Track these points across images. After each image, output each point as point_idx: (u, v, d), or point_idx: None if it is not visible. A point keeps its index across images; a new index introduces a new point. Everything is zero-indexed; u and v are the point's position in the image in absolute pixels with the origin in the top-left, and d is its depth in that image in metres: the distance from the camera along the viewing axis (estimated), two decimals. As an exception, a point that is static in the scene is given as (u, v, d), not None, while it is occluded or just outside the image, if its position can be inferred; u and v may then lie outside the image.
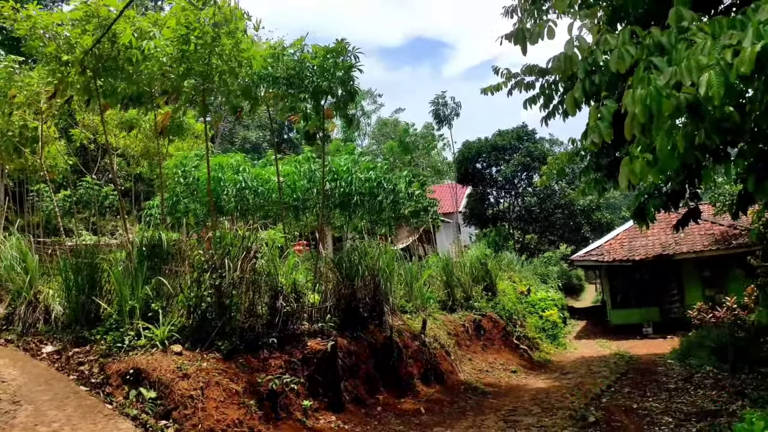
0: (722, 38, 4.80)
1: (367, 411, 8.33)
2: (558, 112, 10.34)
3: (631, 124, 5.39)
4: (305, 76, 10.37)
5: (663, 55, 5.64)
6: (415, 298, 12.20)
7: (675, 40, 5.64)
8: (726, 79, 4.46)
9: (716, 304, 17.24)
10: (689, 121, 6.06)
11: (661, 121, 5.33)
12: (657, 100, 5.07)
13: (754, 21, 4.38)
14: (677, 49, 5.42)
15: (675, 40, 5.64)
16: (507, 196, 35.41)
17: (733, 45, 4.51)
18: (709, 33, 5.14)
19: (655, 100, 5.07)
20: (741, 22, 5.00)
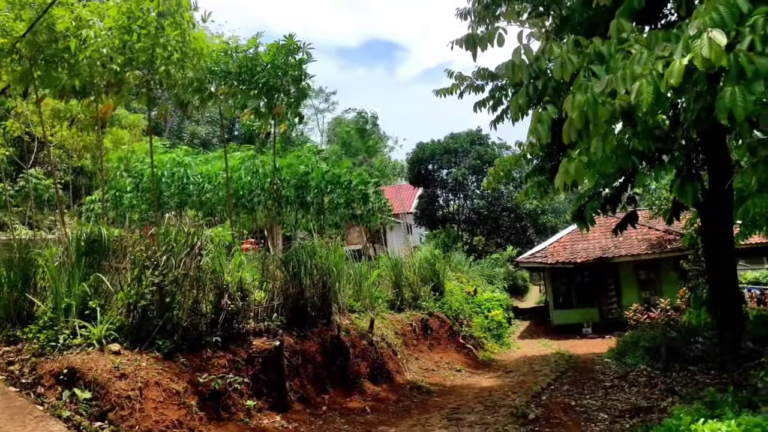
0: (656, 50, 5.04)
1: (313, 410, 8.29)
2: (507, 116, 10.59)
3: (569, 128, 5.59)
4: (257, 72, 10.25)
5: (603, 64, 5.88)
6: (364, 298, 12.23)
7: (614, 50, 5.89)
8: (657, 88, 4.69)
9: (651, 305, 18.08)
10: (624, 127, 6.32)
11: (598, 126, 5.55)
12: (593, 106, 5.27)
13: (684, 35, 4.61)
14: (615, 58, 5.66)
15: (614, 50, 5.89)
16: (457, 198, 35.93)
17: (665, 57, 4.75)
18: (645, 45, 5.40)
19: (592, 107, 5.27)
20: (675, 35, 5.25)
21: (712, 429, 3.84)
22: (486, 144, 35.61)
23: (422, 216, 35.16)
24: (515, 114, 8.77)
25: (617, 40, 5.92)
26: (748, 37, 4.31)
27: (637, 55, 5.18)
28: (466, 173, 34.16)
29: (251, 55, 10.37)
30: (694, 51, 4.24)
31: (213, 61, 9.92)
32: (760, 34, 4.24)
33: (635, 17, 7.50)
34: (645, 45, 5.32)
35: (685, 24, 4.98)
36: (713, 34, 4.12)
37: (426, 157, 35.36)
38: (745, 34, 4.34)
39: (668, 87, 4.52)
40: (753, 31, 4.30)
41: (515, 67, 7.20)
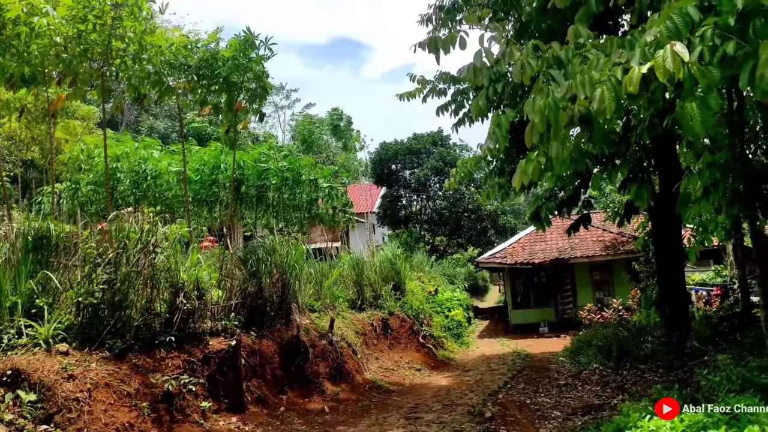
0: (613, 56, 5.17)
1: (270, 411, 8.21)
2: (468, 119, 10.73)
3: (531, 132, 5.68)
4: (218, 67, 10.10)
5: (561, 69, 6.01)
6: (325, 297, 12.19)
7: (572, 55, 6.02)
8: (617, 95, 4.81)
9: (604, 305, 18.58)
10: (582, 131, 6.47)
11: (557, 130, 5.67)
12: (555, 110, 5.38)
13: (641, 42, 4.74)
14: (573, 63, 5.80)
15: (572, 55, 6.02)
16: (420, 198, 36.17)
17: (623, 63, 4.88)
18: (602, 51, 5.54)
19: (553, 111, 5.38)
20: (630, 42, 5.40)
21: (656, 425, 3.98)
22: (448, 145, 35.97)
23: (385, 216, 35.27)
24: (475, 116, 8.87)
25: (574, 45, 6.06)
26: (698, 47, 4.46)
27: (594, 60, 5.30)
28: (428, 174, 34.42)
29: (212, 50, 10.21)
30: (655, 61, 4.35)
31: (172, 55, 9.71)
32: (708, 45, 4.39)
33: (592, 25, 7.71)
34: (601, 51, 5.45)
35: (638, 31, 5.13)
36: (678, 48, 4.21)
37: (389, 157, 35.49)
38: (696, 45, 4.49)
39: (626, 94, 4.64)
40: (702, 42, 4.45)
41: (476, 70, 7.28)
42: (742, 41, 4.25)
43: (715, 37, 4.43)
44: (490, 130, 6.51)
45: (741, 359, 7.44)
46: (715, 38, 4.43)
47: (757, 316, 8.89)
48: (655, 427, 3.96)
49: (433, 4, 10.98)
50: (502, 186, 11.44)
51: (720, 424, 3.86)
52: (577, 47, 6.01)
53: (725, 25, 4.36)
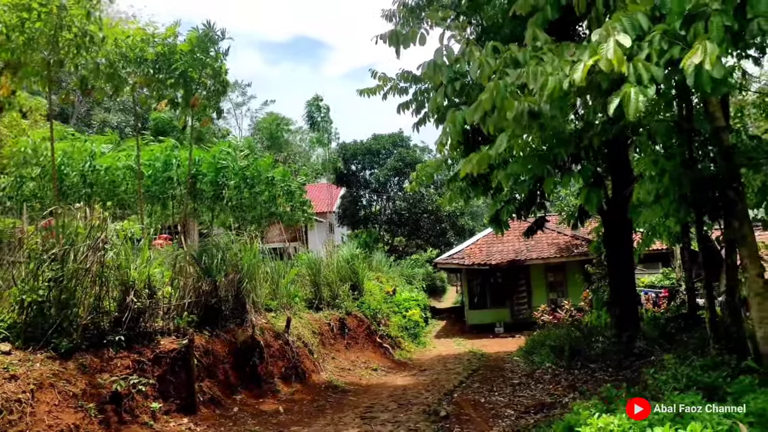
0: (566, 55, 5.30)
1: (223, 412, 8.06)
2: (429, 119, 10.79)
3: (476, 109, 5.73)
4: (175, 61, 9.88)
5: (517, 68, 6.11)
6: (281, 297, 12.05)
7: (529, 56, 6.14)
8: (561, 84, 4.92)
9: (558, 306, 19.01)
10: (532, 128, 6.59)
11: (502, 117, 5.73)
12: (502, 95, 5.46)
13: (591, 43, 4.88)
14: (530, 64, 5.91)
15: (529, 56, 6.14)
16: (379, 199, 36.22)
17: (573, 60, 5.00)
18: (557, 54, 5.66)
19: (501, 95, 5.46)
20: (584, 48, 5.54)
21: (605, 422, 4.09)
22: (408, 146, 36.15)
23: (344, 215, 35.19)
24: (433, 112, 8.92)
25: (532, 48, 6.18)
26: (646, 50, 4.61)
27: (549, 60, 5.43)
28: (388, 174, 34.51)
29: (170, 44, 9.98)
30: (599, 53, 4.48)
31: (128, 48, 9.45)
32: (656, 49, 4.56)
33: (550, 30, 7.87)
34: (557, 54, 5.58)
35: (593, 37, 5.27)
36: (619, 36, 4.37)
37: (349, 157, 35.41)
38: (644, 48, 4.65)
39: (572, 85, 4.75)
40: (650, 46, 4.62)
41: (437, 66, 7.34)
42: (687, 47, 4.42)
43: (663, 42, 4.60)
44: (445, 125, 6.57)
45: (686, 359, 7.71)
46: (663, 43, 4.60)
47: (702, 317, 9.25)
48: (604, 425, 4.07)
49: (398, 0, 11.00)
50: (464, 190, 11.56)
51: (665, 421, 3.98)
52: (534, 50, 6.13)
53: (672, 31, 4.53)
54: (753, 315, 6.60)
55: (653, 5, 4.91)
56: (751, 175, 7.13)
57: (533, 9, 7.06)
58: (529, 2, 6.85)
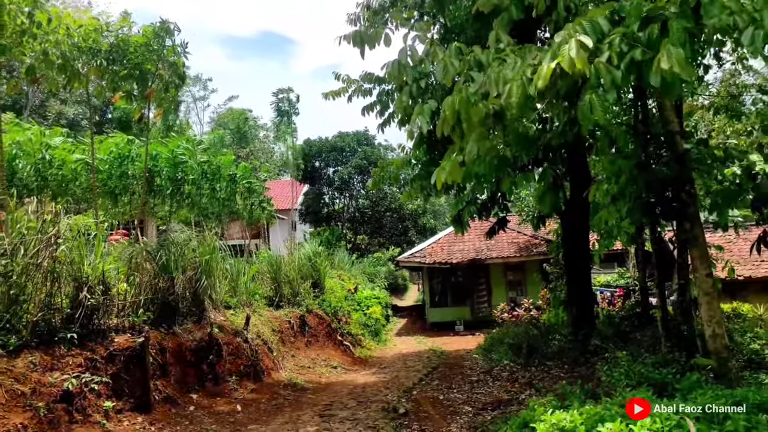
0: (528, 58, 5.39)
1: (179, 411, 7.90)
2: (393, 120, 10.81)
3: (443, 123, 5.80)
4: (130, 53, 9.65)
5: (481, 71, 6.19)
6: (241, 294, 11.89)
7: (492, 58, 6.21)
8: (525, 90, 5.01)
9: (517, 304, 19.34)
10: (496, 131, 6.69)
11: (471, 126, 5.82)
12: (466, 105, 5.53)
13: (553, 45, 4.97)
14: (492, 66, 5.99)
15: (492, 58, 6.21)
16: (343, 196, 36.13)
17: (535, 64, 5.09)
18: (520, 56, 5.75)
19: (465, 105, 5.52)
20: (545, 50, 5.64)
21: (558, 419, 4.18)
22: (373, 145, 36.18)
23: (307, 213, 34.98)
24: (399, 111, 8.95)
25: (495, 50, 6.26)
26: (606, 52, 4.73)
27: (511, 63, 5.51)
28: (352, 172, 34.45)
29: (124, 35, 9.74)
30: (562, 54, 4.56)
31: (81, 38, 9.16)
32: (616, 51, 4.67)
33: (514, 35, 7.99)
34: (520, 56, 5.66)
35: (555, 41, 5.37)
36: (582, 37, 4.46)
37: (313, 154, 35.21)
38: (604, 50, 4.76)
39: (536, 90, 4.84)
40: (611, 48, 4.73)
41: (401, 66, 7.36)
42: (647, 49, 4.56)
43: (623, 44, 4.73)
44: (414, 117, 6.60)
45: (639, 356, 7.97)
46: (623, 45, 4.73)
47: (655, 316, 9.54)
48: (557, 421, 4.16)
49: (362, 2, 10.99)
50: (424, 188, 11.64)
51: (615, 417, 4.10)
52: (497, 52, 6.22)
53: (631, 34, 4.66)
54: (702, 314, 6.85)
55: (613, 9, 5.05)
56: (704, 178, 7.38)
57: (496, 8, 7.15)
58: (492, 1, 6.94)
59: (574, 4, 6.86)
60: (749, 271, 16.69)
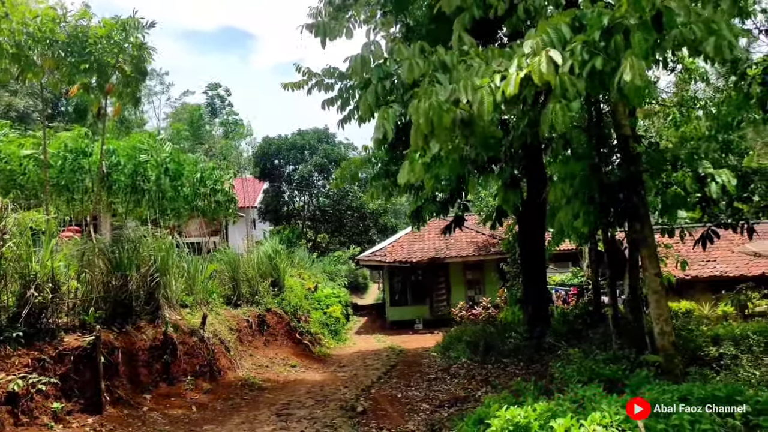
0: (494, 64, 5.47)
1: (132, 412, 7.71)
2: (354, 116, 10.79)
3: (416, 134, 5.85)
4: (89, 45, 9.34)
5: (446, 73, 6.25)
6: (198, 293, 11.66)
7: (456, 60, 6.28)
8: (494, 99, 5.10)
9: (475, 303, 19.62)
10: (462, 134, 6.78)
11: (440, 132, 5.88)
12: (438, 113, 5.58)
13: (519, 53, 5.06)
14: (458, 69, 6.05)
15: (456, 60, 6.28)
16: (303, 195, 35.87)
17: (502, 71, 5.18)
18: (484, 60, 5.83)
19: (437, 113, 5.58)
20: (509, 54, 5.74)
21: (512, 414, 4.26)
22: (333, 143, 36.04)
23: (267, 211, 34.57)
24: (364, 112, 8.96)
25: (459, 52, 6.33)
26: (569, 61, 4.84)
27: (477, 67, 5.58)
28: (312, 171, 34.25)
29: (83, 26, 9.43)
30: (532, 66, 4.65)
31: (36, 28, 8.83)
32: (578, 60, 4.79)
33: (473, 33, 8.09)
34: (484, 60, 5.75)
35: (517, 45, 5.47)
36: (552, 53, 4.57)
37: (272, 152, 34.84)
38: (567, 58, 4.88)
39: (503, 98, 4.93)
40: (573, 56, 4.85)
41: (364, 61, 7.36)
42: (607, 57, 4.69)
43: (584, 52, 4.85)
44: (378, 123, 6.60)
45: (590, 353, 8.18)
46: (584, 53, 4.85)
47: (607, 314, 9.82)
48: (511, 417, 4.24)
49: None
50: (386, 187, 11.68)
51: (567, 411, 4.21)
52: (461, 54, 6.29)
53: (593, 42, 4.79)
54: (651, 312, 7.09)
55: (574, 16, 5.18)
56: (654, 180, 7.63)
57: (457, 9, 7.23)
58: (455, 2, 7.02)
59: (534, 8, 7.01)
60: (696, 271, 17.38)
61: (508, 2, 6.93)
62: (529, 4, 6.88)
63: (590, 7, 5.10)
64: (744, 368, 7.03)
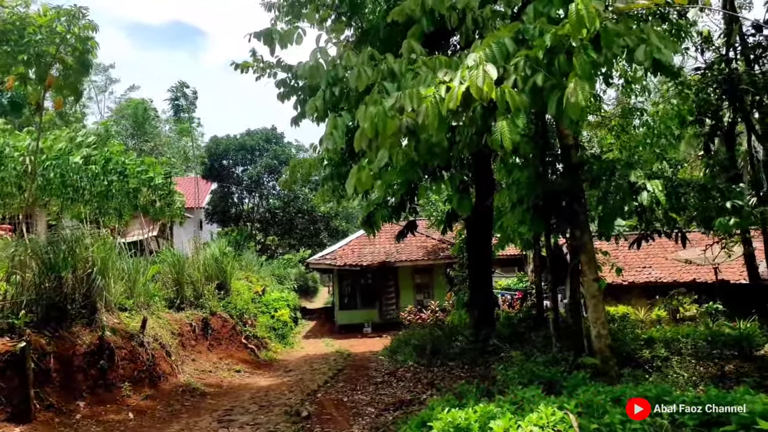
0: (439, 74, 5.55)
1: (64, 419, 7.38)
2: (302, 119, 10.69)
3: (360, 137, 5.87)
4: (27, 34, 8.91)
5: (394, 81, 6.29)
6: (138, 295, 11.27)
7: (405, 69, 6.34)
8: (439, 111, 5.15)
9: (424, 307, 19.79)
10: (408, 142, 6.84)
11: (385, 137, 5.91)
12: (383, 119, 5.61)
13: (463, 65, 5.15)
14: (406, 77, 6.11)
15: (405, 69, 6.34)
16: (252, 196, 35.30)
17: (446, 82, 5.25)
18: (431, 68, 5.90)
19: (382, 119, 5.60)
20: (456, 63, 5.83)
21: (453, 417, 4.31)
22: (283, 144, 35.65)
23: (215, 212, 33.84)
24: (311, 116, 8.90)
25: (408, 60, 6.39)
26: (512, 76, 4.96)
27: (424, 76, 5.64)
28: (262, 172, 33.77)
29: (21, 14, 8.99)
30: (470, 80, 4.74)
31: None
32: (521, 75, 4.91)
33: (426, 41, 8.17)
34: (431, 68, 5.81)
35: (464, 55, 5.56)
36: (487, 67, 4.67)
37: (221, 152, 34.17)
38: (510, 73, 4.99)
39: (447, 110, 4.99)
40: (516, 71, 4.97)
41: (313, 69, 7.34)
42: (549, 74, 4.83)
43: (527, 67, 4.97)
44: (327, 131, 6.58)
45: (531, 355, 8.39)
46: (527, 69, 4.98)
47: (549, 317, 10.09)
48: (452, 419, 4.29)
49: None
50: (335, 189, 11.64)
51: (506, 413, 4.29)
52: (410, 62, 6.34)
53: (535, 58, 4.92)
54: (589, 315, 7.33)
55: (518, 29, 5.31)
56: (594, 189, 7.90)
57: (408, 18, 7.30)
58: (405, 11, 7.08)
59: (482, 19, 7.15)
60: (633, 276, 18.07)
61: (460, 13, 7.06)
62: (477, 15, 7.02)
63: (533, 22, 5.25)
64: (674, 369, 7.36)
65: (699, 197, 7.87)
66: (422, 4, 6.73)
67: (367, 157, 6.59)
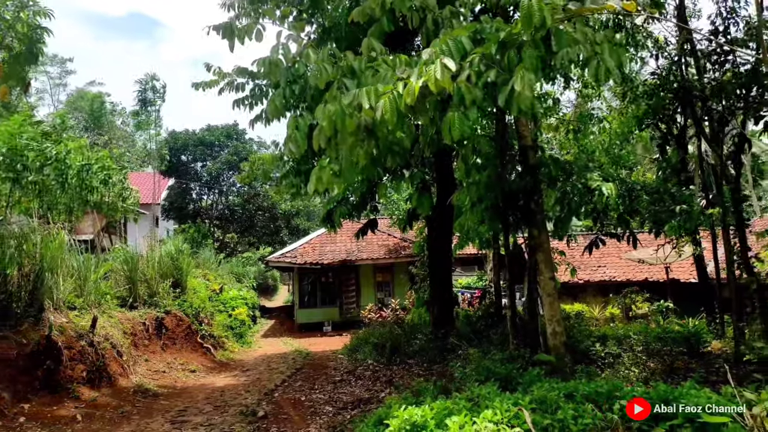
0: (398, 71, 5.54)
1: (6, 423, 7.06)
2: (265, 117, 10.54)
3: (319, 135, 5.81)
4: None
5: (354, 79, 6.25)
6: (89, 294, 10.89)
7: (364, 66, 6.30)
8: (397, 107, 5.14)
9: (384, 305, 19.80)
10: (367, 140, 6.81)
11: (345, 136, 5.87)
12: (341, 117, 5.56)
13: (421, 62, 5.15)
14: (365, 75, 6.07)
15: (364, 66, 6.30)
16: (211, 193, 34.67)
17: (405, 79, 5.24)
18: (391, 66, 5.89)
19: (340, 118, 5.56)
20: (415, 61, 5.83)
21: (410, 414, 4.30)
22: (244, 140, 35.12)
23: (171, 209, 33.08)
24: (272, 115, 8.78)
25: (368, 58, 6.35)
26: (467, 70, 4.98)
27: (383, 74, 5.62)
28: (221, 168, 33.21)
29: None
30: (428, 74, 4.74)
31: None
32: (475, 70, 4.94)
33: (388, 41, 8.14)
34: (391, 66, 5.80)
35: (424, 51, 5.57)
36: (445, 60, 4.68)
37: (179, 147, 33.42)
38: (465, 68, 5.02)
39: (406, 106, 4.98)
40: (471, 67, 4.99)
41: (272, 65, 7.23)
42: (501, 70, 4.88)
43: (481, 64, 5.01)
44: (289, 132, 6.48)
45: (489, 353, 8.48)
46: (481, 65, 5.01)
47: (506, 315, 10.21)
48: (409, 416, 4.27)
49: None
50: (295, 185, 11.51)
51: (462, 410, 4.30)
52: (370, 60, 6.31)
53: (489, 55, 4.96)
54: (545, 313, 7.46)
55: (475, 29, 5.34)
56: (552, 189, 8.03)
57: (370, 18, 7.27)
58: (366, 11, 7.04)
59: (441, 19, 7.17)
60: (588, 275, 18.52)
61: (421, 13, 7.07)
62: (437, 16, 7.04)
63: (489, 22, 5.30)
64: (625, 365, 7.55)
65: (651, 200, 8.10)
66: (382, 4, 6.70)
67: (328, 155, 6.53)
